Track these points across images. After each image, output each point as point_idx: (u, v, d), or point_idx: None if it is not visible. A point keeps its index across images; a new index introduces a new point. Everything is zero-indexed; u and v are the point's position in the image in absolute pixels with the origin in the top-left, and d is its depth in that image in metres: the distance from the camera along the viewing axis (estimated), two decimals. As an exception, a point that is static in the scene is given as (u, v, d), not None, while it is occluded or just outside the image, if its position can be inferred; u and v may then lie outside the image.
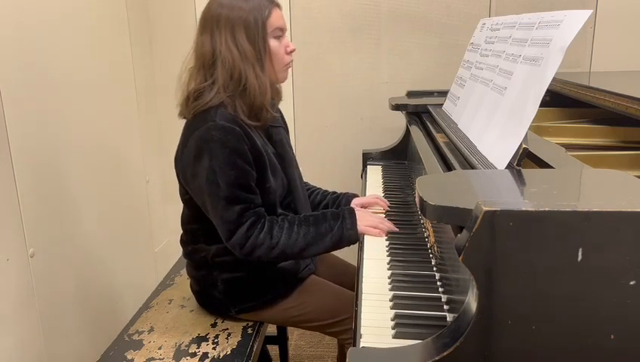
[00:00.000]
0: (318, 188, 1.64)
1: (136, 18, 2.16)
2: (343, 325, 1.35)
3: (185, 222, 1.41)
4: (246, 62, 1.25)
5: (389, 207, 1.52)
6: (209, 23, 1.28)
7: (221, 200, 1.23)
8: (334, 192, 1.62)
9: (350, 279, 1.48)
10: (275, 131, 1.41)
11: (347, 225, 1.32)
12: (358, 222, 1.33)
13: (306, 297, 1.40)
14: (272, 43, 1.29)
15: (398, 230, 1.36)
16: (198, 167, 1.24)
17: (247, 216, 1.25)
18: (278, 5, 1.31)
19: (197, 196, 1.30)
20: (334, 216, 1.34)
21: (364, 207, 1.52)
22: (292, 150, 1.48)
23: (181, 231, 1.44)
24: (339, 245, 1.33)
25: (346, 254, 1.62)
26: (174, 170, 1.35)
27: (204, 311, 1.45)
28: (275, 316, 1.41)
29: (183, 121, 1.34)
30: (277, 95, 1.43)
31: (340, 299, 1.39)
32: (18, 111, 1.41)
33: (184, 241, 1.44)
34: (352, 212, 1.36)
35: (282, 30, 1.32)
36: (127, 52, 2.07)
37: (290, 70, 1.40)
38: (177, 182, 1.37)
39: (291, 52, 1.34)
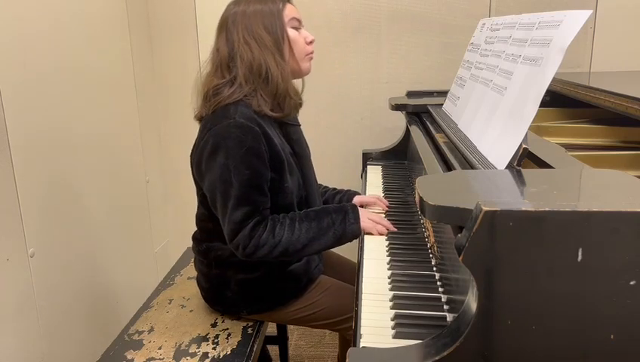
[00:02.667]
0: (319, 185, 1.64)
1: (136, 18, 2.16)
2: (350, 321, 1.35)
3: (201, 219, 1.40)
4: (265, 51, 1.26)
5: (388, 207, 1.52)
6: (224, 24, 1.30)
7: (232, 199, 1.23)
8: (334, 188, 1.62)
9: (352, 275, 1.48)
10: (293, 130, 1.41)
11: (350, 220, 1.31)
12: (361, 217, 1.33)
13: (317, 297, 1.40)
14: (291, 32, 1.31)
15: (396, 230, 1.36)
16: (213, 162, 1.23)
17: (253, 217, 1.25)
18: (289, 1, 1.34)
19: (208, 191, 1.29)
20: (336, 211, 1.33)
21: (363, 205, 1.52)
22: (309, 149, 1.48)
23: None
24: (341, 240, 1.32)
25: (345, 252, 1.62)
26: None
27: (208, 306, 1.45)
28: (285, 316, 1.42)
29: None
30: (297, 96, 1.41)
31: (347, 295, 1.39)
32: (18, 111, 1.41)
33: (198, 239, 1.43)
34: (355, 207, 1.36)
35: (299, 21, 1.34)
36: (127, 52, 2.07)
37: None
38: (191, 180, 1.35)
39: (311, 42, 1.36)
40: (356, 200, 1.55)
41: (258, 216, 1.25)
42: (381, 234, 1.34)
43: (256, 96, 1.26)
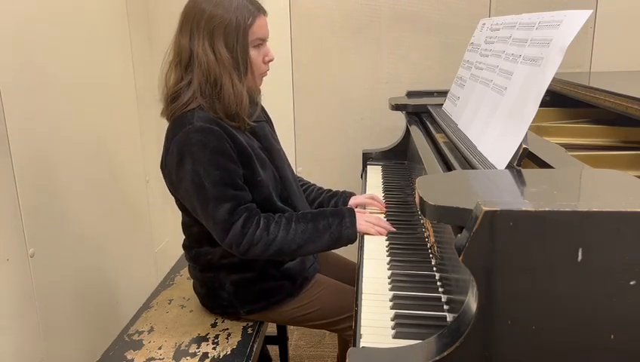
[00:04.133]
0: (313, 185, 1.63)
1: (136, 18, 2.16)
2: (348, 321, 1.35)
3: (186, 226, 1.40)
4: (222, 68, 1.24)
5: (386, 207, 1.52)
6: (189, 19, 1.26)
7: (210, 201, 1.23)
8: (329, 190, 1.62)
9: (350, 275, 1.48)
10: (259, 126, 1.39)
11: (346, 224, 1.31)
12: (357, 221, 1.33)
13: (312, 296, 1.40)
14: (251, 52, 1.28)
15: (395, 230, 1.36)
16: (182, 171, 1.23)
17: (239, 212, 1.25)
18: (264, 12, 1.29)
19: (186, 201, 1.29)
20: (333, 214, 1.33)
21: (360, 206, 1.52)
22: (279, 144, 1.47)
23: (180, 234, 1.44)
24: (337, 243, 1.32)
25: (345, 252, 1.63)
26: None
27: (207, 311, 1.45)
28: (282, 316, 1.42)
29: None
30: (254, 92, 1.40)
31: (345, 295, 1.39)
32: (18, 111, 1.41)
33: (187, 246, 1.43)
34: (352, 211, 1.36)
35: (263, 40, 1.30)
36: (127, 52, 2.07)
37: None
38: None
39: (269, 61, 1.32)
40: (352, 201, 1.55)
41: (245, 212, 1.25)
42: (380, 235, 1.34)
43: (213, 106, 1.25)
